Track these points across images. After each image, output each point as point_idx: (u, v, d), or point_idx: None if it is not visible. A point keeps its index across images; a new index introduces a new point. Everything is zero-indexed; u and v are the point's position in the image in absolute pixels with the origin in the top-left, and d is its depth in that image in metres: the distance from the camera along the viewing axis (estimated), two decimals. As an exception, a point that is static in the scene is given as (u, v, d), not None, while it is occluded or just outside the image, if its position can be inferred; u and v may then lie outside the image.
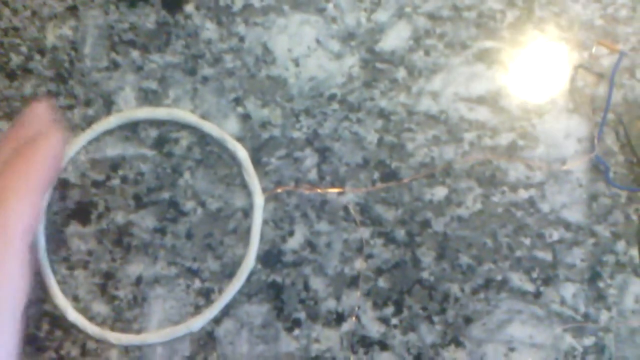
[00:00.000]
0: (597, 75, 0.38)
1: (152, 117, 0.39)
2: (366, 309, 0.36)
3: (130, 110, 0.39)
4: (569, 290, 0.35)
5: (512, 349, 0.35)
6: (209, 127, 0.38)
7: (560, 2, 0.39)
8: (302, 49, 0.39)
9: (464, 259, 0.36)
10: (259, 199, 0.37)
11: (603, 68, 0.38)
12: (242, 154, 0.37)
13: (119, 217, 0.38)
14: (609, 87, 0.37)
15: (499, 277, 0.36)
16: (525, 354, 0.35)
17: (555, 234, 0.36)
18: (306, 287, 0.36)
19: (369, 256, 0.36)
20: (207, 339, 0.36)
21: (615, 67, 0.37)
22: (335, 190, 0.37)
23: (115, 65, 0.39)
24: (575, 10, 0.39)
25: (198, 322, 0.36)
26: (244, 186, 0.37)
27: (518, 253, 0.36)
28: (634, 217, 0.36)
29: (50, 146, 0.32)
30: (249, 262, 0.36)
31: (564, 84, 0.38)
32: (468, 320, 0.35)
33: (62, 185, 0.38)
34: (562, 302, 0.35)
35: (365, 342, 0.36)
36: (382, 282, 0.36)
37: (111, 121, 0.39)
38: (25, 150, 0.31)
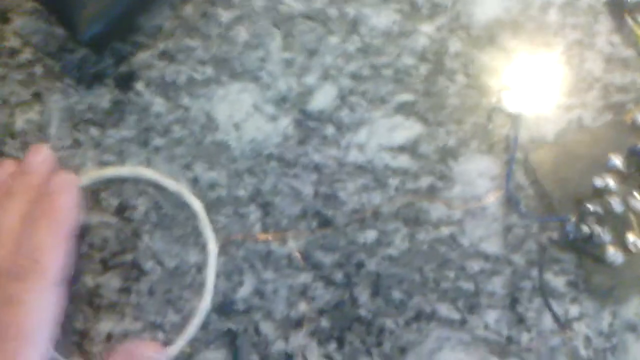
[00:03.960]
0: (505, 118, 0.38)
1: (117, 175, 0.38)
2: (312, 348, 0.35)
3: (98, 170, 0.39)
4: (491, 316, 0.35)
5: (446, 372, 0.35)
6: (167, 182, 0.38)
7: (467, 54, 0.39)
8: (242, 115, 0.39)
9: (396, 294, 0.36)
10: (213, 246, 0.37)
11: (511, 110, 0.38)
12: (197, 204, 0.38)
13: (89, 280, 0.38)
14: (514, 128, 0.37)
15: (428, 309, 0.35)
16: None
17: (476, 266, 0.36)
18: (257, 332, 0.36)
19: (312, 299, 0.36)
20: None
21: (519, 110, 0.37)
22: (279, 235, 0.37)
23: (77, 143, 0.40)
24: (482, 59, 0.39)
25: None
26: (197, 244, 0.37)
27: (444, 285, 0.36)
28: (547, 245, 0.36)
29: (70, 197, 0.33)
30: (206, 302, 0.36)
31: (474, 128, 0.38)
32: (403, 351, 0.35)
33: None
34: (486, 327, 0.35)
35: (315, 376, 0.36)
36: (324, 322, 0.36)
37: (82, 180, 0.38)
38: (49, 206, 0.33)
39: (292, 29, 0.41)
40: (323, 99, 0.40)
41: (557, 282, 0.36)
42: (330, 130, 0.39)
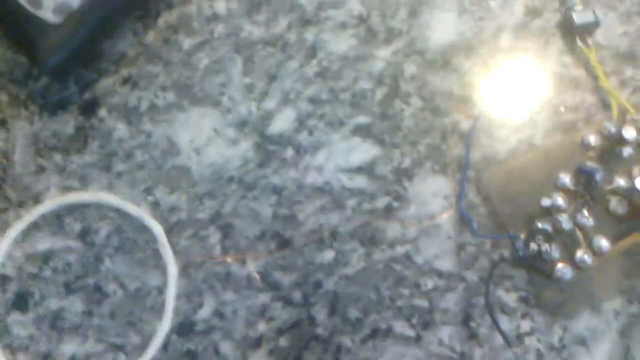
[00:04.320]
0: (458, 139, 0.39)
1: (80, 200, 0.39)
2: (271, 367, 0.36)
3: (61, 197, 0.39)
4: (445, 332, 0.36)
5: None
6: (128, 206, 0.39)
7: (422, 77, 0.41)
8: (202, 139, 0.40)
9: (353, 313, 0.36)
10: (172, 269, 0.37)
11: (464, 131, 0.39)
12: (157, 228, 0.38)
13: (53, 304, 0.38)
14: (465, 148, 0.38)
15: (384, 326, 0.36)
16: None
17: (430, 283, 0.37)
18: (217, 352, 0.36)
19: (270, 319, 0.37)
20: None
21: (469, 131, 0.38)
22: (239, 256, 0.37)
23: (41, 169, 0.40)
24: (436, 82, 0.40)
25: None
26: (157, 266, 0.38)
27: (399, 303, 0.36)
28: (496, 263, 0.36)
29: None
30: (166, 324, 0.36)
31: (428, 149, 0.39)
32: (360, 368, 0.35)
33: (2, 279, 0.39)
34: (440, 343, 0.36)
35: (275, 395, 0.36)
36: (282, 341, 0.36)
37: (47, 205, 0.39)
38: None
39: (253, 54, 0.42)
40: (282, 122, 0.40)
41: (509, 298, 0.37)
42: (289, 153, 0.40)
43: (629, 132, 0.37)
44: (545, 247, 0.35)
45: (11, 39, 0.41)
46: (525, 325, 0.37)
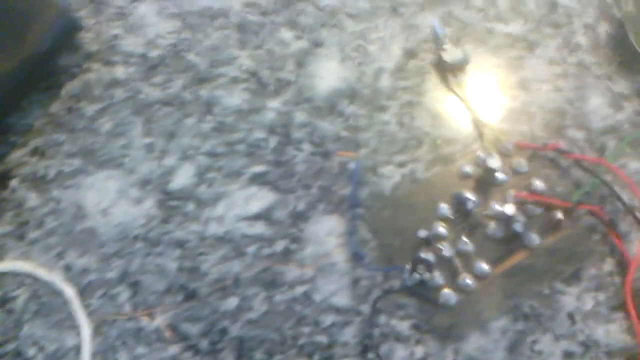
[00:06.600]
0: (347, 179, 0.40)
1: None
2: (184, 414, 0.37)
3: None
4: (345, 365, 0.37)
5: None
6: (41, 273, 0.40)
7: (311, 123, 0.42)
8: (108, 201, 0.41)
9: (258, 355, 0.37)
10: (86, 329, 0.38)
11: (350, 172, 0.40)
12: (69, 291, 0.39)
13: (-24, 373, 0.38)
14: (352, 188, 0.39)
15: (270, 365, 0.37)
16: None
17: (329, 319, 0.38)
18: (133, 405, 0.37)
19: (181, 368, 0.37)
20: None
21: (354, 171, 0.40)
22: (147, 312, 0.38)
23: (-42, 243, 0.41)
24: (324, 127, 0.42)
25: None
26: (73, 327, 0.39)
27: (300, 341, 0.37)
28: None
29: None
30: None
31: (321, 191, 0.40)
32: (268, 407, 0.36)
33: None
34: (341, 376, 0.37)
35: None
36: (193, 388, 0.37)
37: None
38: None
39: (151, 115, 0.43)
40: (182, 178, 0.42)
41: (402, 326, 0.38)
42: (190, 207, 0.41)
43: (494, 162, 0.38)
44: (426, 275, 0.37)
45: None
46: (419, 351, 0.38)
